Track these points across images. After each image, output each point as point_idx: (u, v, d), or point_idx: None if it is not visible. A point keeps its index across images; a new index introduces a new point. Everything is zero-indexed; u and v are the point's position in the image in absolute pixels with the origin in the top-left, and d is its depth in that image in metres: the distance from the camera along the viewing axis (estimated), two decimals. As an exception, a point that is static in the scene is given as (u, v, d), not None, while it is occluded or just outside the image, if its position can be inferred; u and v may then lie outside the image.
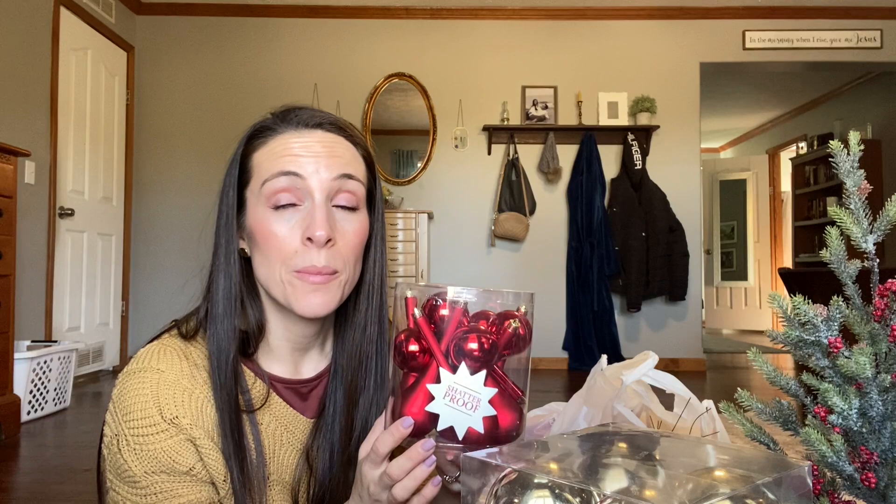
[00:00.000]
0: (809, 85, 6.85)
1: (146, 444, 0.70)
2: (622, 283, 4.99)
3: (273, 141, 0.76)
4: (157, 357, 0.74)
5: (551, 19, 5.17)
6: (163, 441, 0.70)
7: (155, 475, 0.70)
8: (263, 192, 0.74)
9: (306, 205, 0.73)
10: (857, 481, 0.53)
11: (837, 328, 0.57)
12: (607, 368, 1.01)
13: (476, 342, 0.61)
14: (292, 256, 0.73)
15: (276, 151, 0.75)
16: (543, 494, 0.49)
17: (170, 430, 0.70)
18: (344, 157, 0.77)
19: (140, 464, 0.69)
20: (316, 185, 0.73)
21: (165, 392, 0.71)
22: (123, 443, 0.70)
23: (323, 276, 0.73)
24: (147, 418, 0.70)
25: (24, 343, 3.44)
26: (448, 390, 0.61)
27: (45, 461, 2.52)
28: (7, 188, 2.81)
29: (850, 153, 0.58)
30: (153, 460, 0.70)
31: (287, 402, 0.80)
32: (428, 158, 5.12)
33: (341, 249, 0.74)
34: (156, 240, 5.00)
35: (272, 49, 5.12)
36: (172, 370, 0.73)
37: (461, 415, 0.61)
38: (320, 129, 0.77)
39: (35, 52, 3.85)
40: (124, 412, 0.71)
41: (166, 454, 0.70)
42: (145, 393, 0.71)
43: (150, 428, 0.70)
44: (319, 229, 0.71)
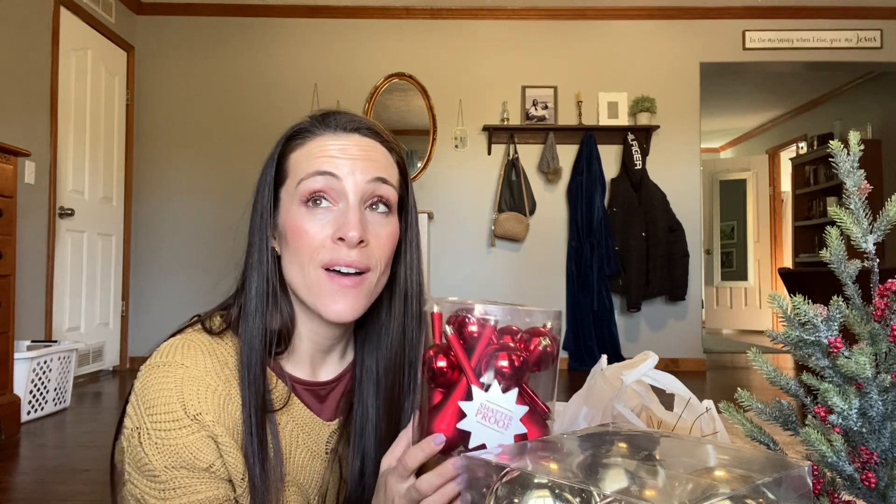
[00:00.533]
0: (809, 85, 6.85)
1: (168, 439, 0.70)
2: (622, 283, 4.99)
3: (311, 142, 0.78)
4: (181, 352, 0.74)
5: (551, 19, 5.17)
6: (185, 437, 0.71)
7: (175, 470, 0.70)
8: (299, 190, 0.75)
9: (340, 206, 0.75)
10: (857, 481, 0.53)
11: (837, 328, 0.57)
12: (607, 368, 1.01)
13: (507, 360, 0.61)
14: (320, 251, 0.74)
15: (314, 152, 0.76)
16: (543, 494, 0.49)
17: (192, 427, 0.71)
18: (379, 161, 0.78)
19: (161, 458, 0.70)
20: (351, 187, 0.75)
21: (189, 388, 0.72)
22: (145, 436, 0.70)
23: (352, 280, 0.74)
24: (170, 413, 0.71)
25: (24, 343, 3.44)
26: (480, 408, 0.61)
27: (45, 461, 2.52)
28: (7, 188, 2.81)
29: (850, 153, 0.58)
30: (174, 455, 0.70)
31: (305, 404, 0.81)
32: (428, 158, 5.12)
33: (374, 250, 0.75)
34: (156, 240, 5.00)
35: (272, 49, 5.12)
36: (197, 366, 0.73)
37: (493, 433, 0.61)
38: (357, 134, 0.78)
39: (35, 52, 3.85)
40: (147, 405, 0.71)
41: (188, 450, 0.70)
42: (169, 387, 0.71)
43: (174, 423, 0.70)
44: (352, 230, 0.72)
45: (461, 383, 0.62)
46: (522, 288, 5.10)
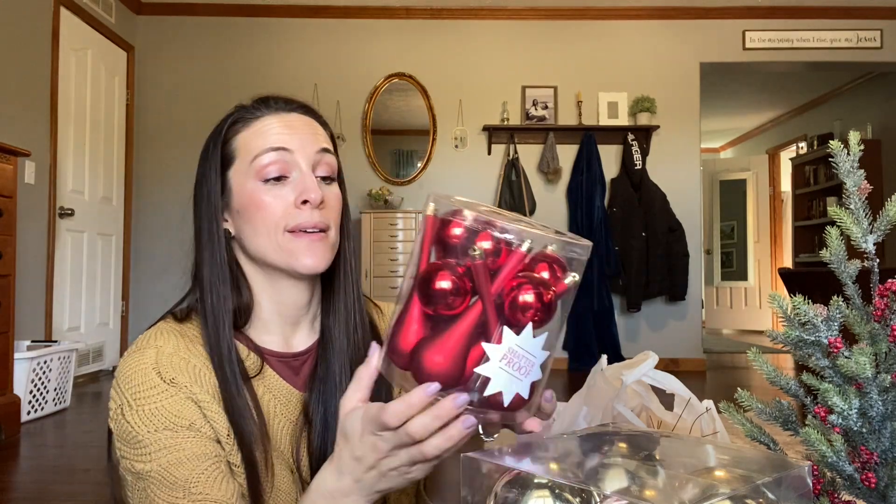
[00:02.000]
0: (809, 85, 6.85)
1: (147, 405, 0.73)
2: (622, 283, 4.99)
3: (256, 123, 0.83)
4: (154, 336, 0.79)
5: (551, 19, 5.17)
6: (163, 400, 0.74)
7: (158, 433, 0.72)
8: (253, 167, 0.80)
9: (294, 175, 0.80)
10: (857, 481, 0.53)
11: (837, 328, 0.57)
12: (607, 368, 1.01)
13: (539, 297, 0.51)
14: (285, 217, 0.79)
15: (262, 131, 0.82)
16: (543, 494, 0.49)
17: (170, 390, 0.74)
18: (320, 134, 0.85)
19: (143, 424, 0.73)
20: (302, 158, 0.81)
21: (163, 360, 0.76)
22: (127, 409, 0.74)
23: (318, 235, 0.80)
24: (147, 381, 0.74)
25: (24, 343, 3.44)
26: (507, 353, 0.52)
27: (45, 461, 2.52)
28: (7, 188, 2.81)
29: (850, 153, 0.58)
30: (155, 418, 0.73)
31: (279, 375, 0.84)
32: (428, 158, 5.12)
33: (330, 211, 0.82)
34: (156, 240, 5.00)
35: (272, 49, 5.11)
36: (168, 344, 0.78)
37: (513, 380, 0.52)
38: (296, 112, 0.85)
39: (35, 52, 3.84)
40: (125, 381, 0.75)
41: (167, 411, 0.73)
42: (145, 363, 0.76)
43: (151, 390, 0.74)
44: (313, 192, 0.79)
45: (470, 314, 0.52)
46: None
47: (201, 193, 0.86)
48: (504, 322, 0.52)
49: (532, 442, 0.61)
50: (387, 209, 4.84)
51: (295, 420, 0.83)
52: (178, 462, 0.71)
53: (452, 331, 0.53)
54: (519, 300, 0.52)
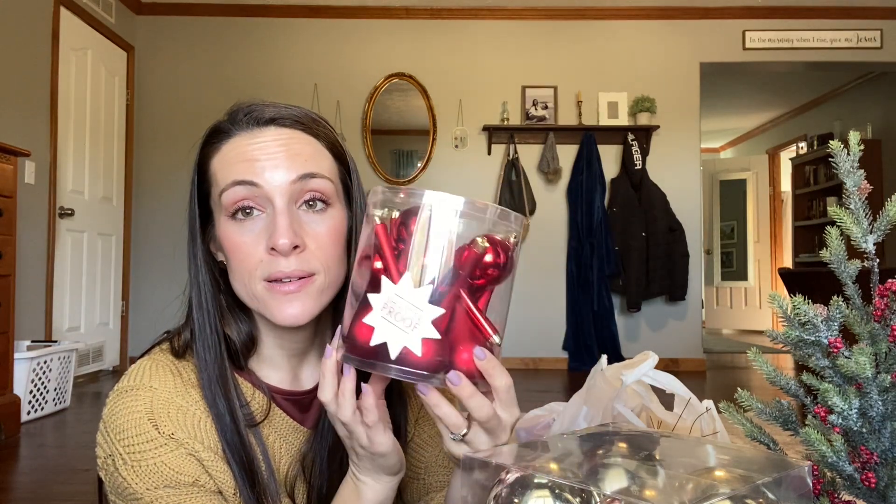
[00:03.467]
0: (809, 85, 6.85)
1: (145, 460, 0.66)
2: (622, 283, 4.99)
3: (226, 145, 0.71)
4: (148, 374, 0.71)
5: (551, 19, 5.17)
6: (163, 455, 0.67)
7: (159, 490, 0.66)
8: (222, 202, 0.69)
9: (268, 211, 0.68)
10: (857, 481, 0.53)
11: (837, 328, 0.57)
12: (607, 368, 1.01)
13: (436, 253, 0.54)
14: (258, 266, 0.68)
15: (230, 157, 0.70)
16: (543, 494, 0.49)
17: (169, 445, 0.67)
18: (303, 153, 0.70)
19: (141, 480, 0.66)
20: (275, 191, 0.67)
21: (159, 409, 0.68)
22: (119, 462, 0.67)
23: (296, 283, 0.68)
24: (142, 434, 0.67)
25: (24, 343, 3.44)
26: (387, 302, 0.53)
27: (45, 461, 2.52)
28: (7, 188, 2.81)
29: (850, 153, 0.58)
30: (154, 475, 0.66)
31: (287, 414, 0.78)
32: (428, 158, 5.12)
33: (315, 252, 0.69)
34: (156, 240, 5.00)
35: (272, 49, 5.12)
36: (165, 387, 0.70)
37: (397, 332, 0.53)
38: (273, 126, 0.71)
39: (35, 52, 3.84)
40: (117, 431, 0.67)
41: (168, 467, 0.66)
42: (138, 410, 0.68)
43: (148, 444, 0.67)
44: (282, 237, 0.66)
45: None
46: (522, 288, 5.10)
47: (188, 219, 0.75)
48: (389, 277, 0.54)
49: (532, 442, 0.61)
50: (387, 209, 4.84)
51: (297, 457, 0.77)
52: None
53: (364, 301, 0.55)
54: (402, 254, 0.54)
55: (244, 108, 0.73)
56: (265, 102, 0.73)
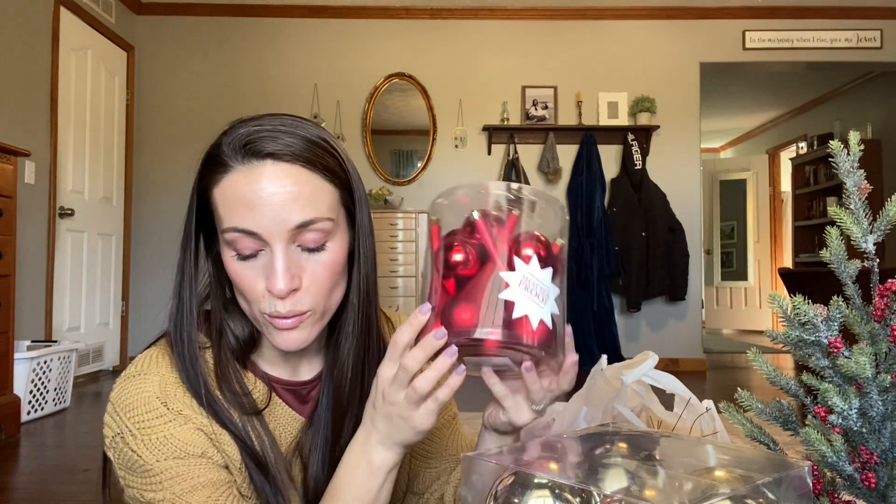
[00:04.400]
0: (809, 85, 6.84)
1: (154, 433, 0.69)
2: (622, 283, 4.99)
3: (225, 180, 0.70)
4: (156, 361, 0.74)
5: (551, 19, 5.17)
6: (173, 428, 0.70)
7: (168, 461, 0.68)
8: (223, 239, 0.71)
9: (267, 251, 0.70)
10: (857, 481, 0.53)
11: (837, 328, 0.57)
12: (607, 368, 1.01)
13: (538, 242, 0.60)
14: (259, 301, 0.71)
15: (229, 197, 0.70)
16: (543, 494, 0.49)
17: (178, 419, 0.70)
18: (301, 197, 0.69)
19: (151, 452, 0.68)
20: (274, 237, 0.69)
21: (168, 390, 0.71)
22: (129, 438, 0.69)
23: (293, 321, 0.71)
24: (152, 410, 0.70)
25: (24, 343, 3.44)
26: (523, 279, 0.58)
27: (45, 461, 2.52)
28: (7, 188, 2.81)
29: (850, 153, 0.58)
30: (164, 447, 0.69)
31: (286, 403, 0.81)
32: (428, 158, 5.12)
33: (310, 290, 0.71)
34: (156, 240, 5.00)
35: (272, 49, 5.12)
36: (172, 373, 0.73)
37: (535, 305, 0.58)
38: (270, 161, 0.69)
39: (35, 52, 3.85)
40: (126, 409, 0.70)
41: (177, 439, 0.69)
42: (147, 391, 0.71)
43: (158, 419, 0.69)
44: (279, 283, 0.68)
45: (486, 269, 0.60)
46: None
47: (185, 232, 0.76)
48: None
49: (532, 442, 0.62)
50: (387, 209, 4.85)
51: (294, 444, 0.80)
52: (192, 489, 0.68)
53: (473, 286, 0.59)
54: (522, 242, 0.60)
55: (240, 137, 0.70)
56: (262, 126, 0.70)
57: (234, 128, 0.72)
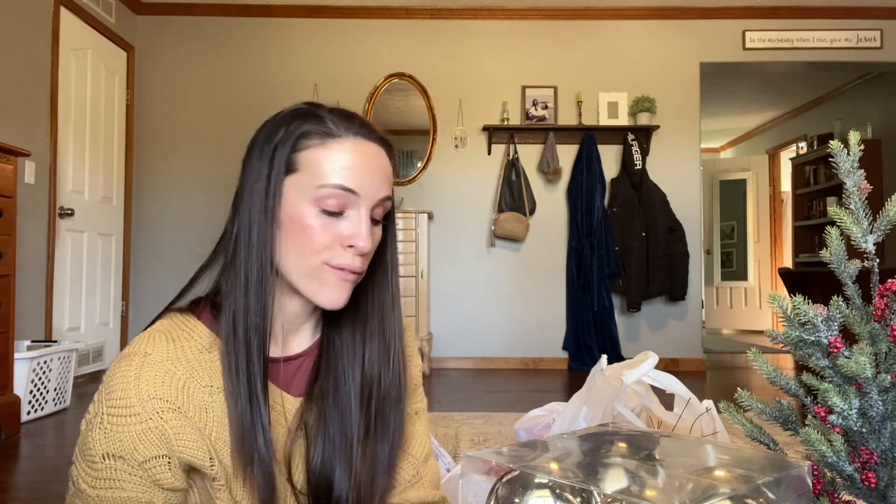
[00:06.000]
0: (809, 85, 6.84)
1: (116, 426, 0.72)
2: (622, 283, 4.99)
3: (333, 145, 0.78)
4: (145, 341, 0.76)
5: (551, 19, 5.17)
6: (132, 426, 0.72)
7: (111, 459, 0.71)
8: (316, 194, 0.77)
9: (351, 214, 0.78)
10: (857, 481, 0.53)
11: (837, 328, 0.57)
12: (607, 368, 1.01)
13: None
14: (329, 252, 0.77)
15: (336, 160, 0.77)
16: (544, 494, 0.49)
17: (141, 416, 0.72)
18: (387, 176, 0.81)
19: (103, 444, 0.71)
20: (365, 202, 0.78)
21: (147, 373, 0.73)
22: (97, 421, 0.72)
23: (353, 276, 0.79)
24: (124, 399, 0.72)
25: (24, 343, 3.44)
26: None
27: (45, 461, 2.52)
28: (7, 188, 2.81)
29: (850, 153, 0.58)
30: (116, 443, 0.71)
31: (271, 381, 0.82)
32: (428, 158, 5.12)
33: (368, 254, 0.81)
34: (156, 240, 5.00)
35: (272, 49, 5.12)
36: (157, 352, 0.75)
37: None
38: (373, 143, 0.80)
39: (35, 52, 3.84)
40: (108, 391, 0.73)
41: (130, 440, 0.71)
42: (129, 375, 0.73)
43: (125, 410, 0.72)
44: (363, 241, 0.77)
45: None
46: (522, 288, 5.10)
47: (255, 189, 0.79)
48: None
49: (532, 442, 0.61)
50: (387, 209, 4.84)
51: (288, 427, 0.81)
52: (112, 500, 0.71)
53: None
54: None
55: (346, 115, 0.80)
56: (360, 115, 0.82)
57: (319, 107, 0.81)
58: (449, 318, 5.06)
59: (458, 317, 5.07)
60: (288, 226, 0.77)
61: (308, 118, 0.79)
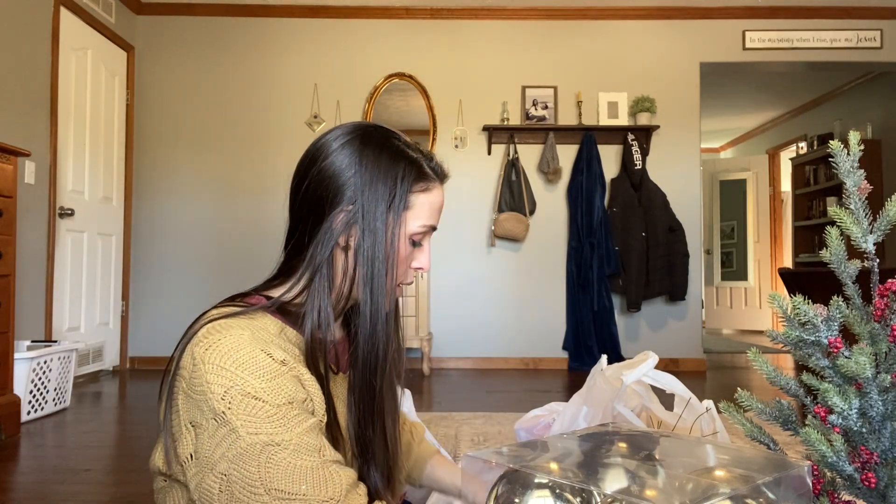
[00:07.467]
0: (809, 85, 6.84)
1: (270, 381, 0.79)
2: (622, 283, 4.99)
3: (434, 190, 0.96)
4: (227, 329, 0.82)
5: (551, 19, 5.17)
6: (281, 376, 0.80)
7: (286, 406, 0.79)
8: (415, 228, 0.93)
9: (423, 243, 0.96)
10: (857, 481, 0.53)
11: (837, 328, 0.57)
12: (607, 368, 1.01)
13: None
14: (401, 274, 0.94)
15: (433, 203, 0.95)
16: (544, 494, 0.49)
17: (282, 368, 0.81)
18: None
19: (272, 396, 0.78)
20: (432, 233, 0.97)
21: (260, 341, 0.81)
22: (249, 388, 0.77)
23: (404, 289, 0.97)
24: (260, 361, 0.79)
25: (24, 343, 3.44)
26: None
27: (45, 461, 2.52)
28: (7, 188, 2.81)
29: (850, 153, 0.58)
30: (281, 393, 0.79)
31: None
32: (428, 158, 5.12)
33: None
34: (156, 240, 5.00)
35: (272, 49, 5.11)
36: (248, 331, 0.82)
37: None
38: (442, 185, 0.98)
39: (35, 52, 3.85)
40: (237, 364, 0.78)
41: (288, 387, 0.80)
42: (244, 344, 0.80)
43: (269, 368, 0.79)
44: (427, 267, 0.96)
45: None
46: (522, 288, 5.10)
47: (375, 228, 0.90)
48: None
49: (532, 442, 0.61)
50: (387, 209, 4.84)
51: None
52: (308, 430, 0.79)
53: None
54: None
55: (438, 163, 0.99)
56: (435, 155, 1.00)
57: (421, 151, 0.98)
58: (449, 318, 5.06)
59: (458, 317, 5.07)
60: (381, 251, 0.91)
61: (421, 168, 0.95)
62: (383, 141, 0.94)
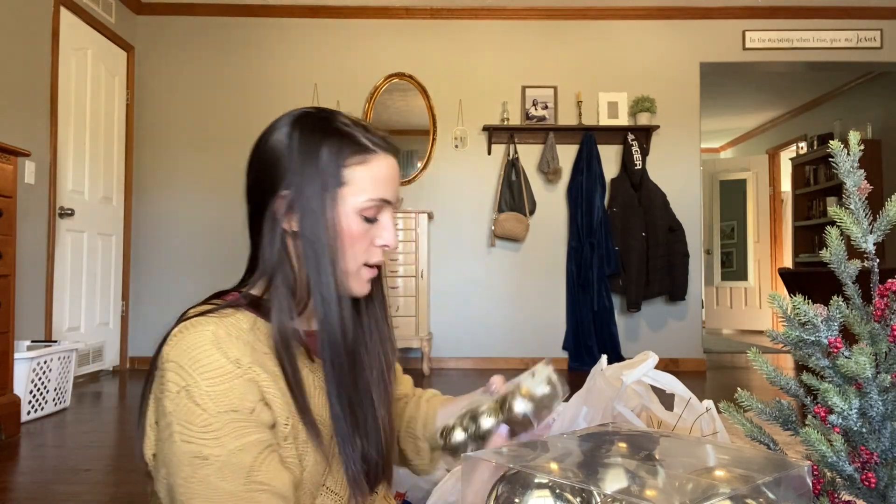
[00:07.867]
0: (809, 85, 6.84)
1: (217, 386, 0.77)
2: (622, 283, 4.99)
3: (374, 162, 0.90)
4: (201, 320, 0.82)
5: (551, 19, 5.17)
6: (231, 381, 0.78)
7: (226, 414, 0.76)
8: (360, 204, 0.89)
9: (382, 220, 0.92)
10: (857, 481, 0.53)
11: (837, 328, 0.57)
12: (607, 368, 1.01)
13: None
14: (366, 253, 0.91)
15: (378, 176, 0.90)
16: (544, 494, 0.49)
17: (236, 371, 0.78)
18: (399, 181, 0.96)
19: (213, 404, 0.76)
20: (391, 207, 0.93)
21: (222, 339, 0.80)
22: (195, 390, 0.76)
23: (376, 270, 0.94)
24: (214, 362, 0.78)
25: (24, 343, 3.44)
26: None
27: (45, 461, 2.52)
28: (7, 188, 2.80)
29: (850, 153, 0.58)
30: (224, 400, 0.76)
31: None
32: (428, 158, 5.12)
33: None
34: (156, 240, 5.00)
35: (272, 49, 5.11)
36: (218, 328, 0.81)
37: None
38: (393, 156, 0.94)
39: (35, 52, 3.84)
40: (192, 362, 0.77)
41: (234, 393, 0.77)
42: (205, 342, 0.79)
43: (219, 370, 0.77)
44: (392, 242, 0.92)
45: None
46: (522, 288, 5.10)
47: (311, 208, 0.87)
48: None
49: (532, 442, 0.61)
50: (387, 209, 4.83)
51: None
52: (242, 448, 0.76)
53: None
54: None
55: (378, 133, 0.93)
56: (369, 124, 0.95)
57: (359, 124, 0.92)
58: (449, 318, 5.06)
59: (458, 317, 5.07)
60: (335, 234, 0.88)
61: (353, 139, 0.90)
62: (318, 122, 0.90)
